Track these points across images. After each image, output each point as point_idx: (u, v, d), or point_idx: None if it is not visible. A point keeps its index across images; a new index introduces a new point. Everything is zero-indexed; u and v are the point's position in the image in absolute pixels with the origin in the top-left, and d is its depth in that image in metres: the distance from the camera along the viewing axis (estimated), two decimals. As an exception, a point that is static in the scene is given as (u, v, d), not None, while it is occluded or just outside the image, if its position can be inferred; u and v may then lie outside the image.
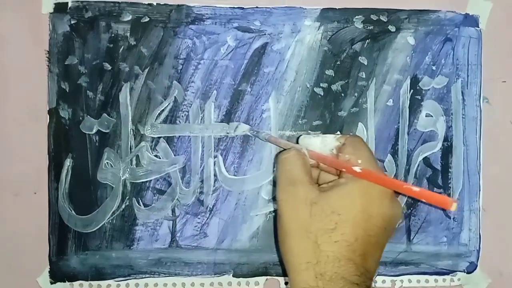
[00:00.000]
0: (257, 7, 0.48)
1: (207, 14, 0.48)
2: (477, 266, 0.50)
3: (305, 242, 0.34)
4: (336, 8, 0.48)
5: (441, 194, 0.32)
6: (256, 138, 0.48)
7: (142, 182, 0.47)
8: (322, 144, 0.40)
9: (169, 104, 0.48)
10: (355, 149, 0.37)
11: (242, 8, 0.48)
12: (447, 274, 0.50)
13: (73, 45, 0.47)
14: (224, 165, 0.48)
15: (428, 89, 0.50)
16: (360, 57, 0.49)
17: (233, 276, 0.48)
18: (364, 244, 0.34)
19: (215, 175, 0.48)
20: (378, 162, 0.38)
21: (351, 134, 0.39)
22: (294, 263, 0.34)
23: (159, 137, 0.47)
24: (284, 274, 0.49)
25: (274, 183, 0.48)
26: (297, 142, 0.43)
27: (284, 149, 0.42)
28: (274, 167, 0.48)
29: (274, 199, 0.48)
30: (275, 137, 0.46)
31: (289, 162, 0.38)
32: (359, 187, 0.35)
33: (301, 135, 0.44)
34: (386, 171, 0.49)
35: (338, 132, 0.48)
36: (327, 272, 0.33)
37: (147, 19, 0.47)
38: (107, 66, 0.47)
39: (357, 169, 0.36)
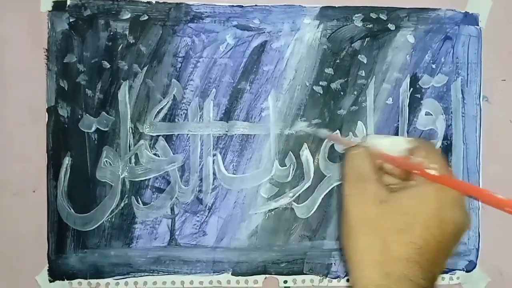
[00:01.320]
0: (256, 5, 0.48)
1: (206, 12, 0.47)
2: (476, 265, 0.50)
3: (372, 239, 0.33)
4: (335, 6, 0.48)
5: None
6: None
7: (141, 180, 0.47)
8: (391, 145, 0.39)
9: (168, 102, 0.47)
10: (428, 152, 0.36)
11: (241, 6, 0.48)
12: (446, 272, 0.50)
13: (72, 43, 0.47)
14: (223, 164, 0.48)
15: (428, 88, 0.50)
16: (359, 56, 0.49)
17: (232, 274, 0.48)
18: (433, 249, 0.33)
19: (214, 173, 0.48)
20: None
21: (422, 138, 0.39)
22: (359, 259, 0.34)
23: (158, 136, 0.47)
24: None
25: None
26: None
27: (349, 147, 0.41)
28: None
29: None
30: (335, 135, 0.45)
31: (358, 158, 0.37)
32: (433, 190, 0.34)
33: (369, 134, 0.43)
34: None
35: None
36: (394, 272, 0.32)
37: (146, 17, 0.47)
38: (106, 64, 0.47)
39: (432, 172, 0.34)
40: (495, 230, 0.50)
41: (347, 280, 0.49)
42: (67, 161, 0.47)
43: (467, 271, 0.50)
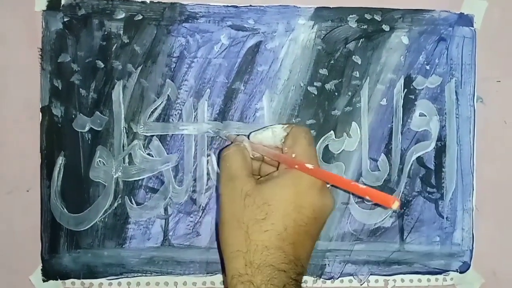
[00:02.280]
0: (251, 6, 0.48)
1: (200, 12, 0.47)
2: (470, 265, 0.50)
3: (237, 232, 0.36)
4: (330, 7, 0.48)
5: (384, 193, 0.32)
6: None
7: (135, 180, 0.47)
8: (273, 136, 0.41)
9: (162, 102, 0.47)
10: (294, 141, 0.38)
11: (236, 7, 0.48)
12: (440, 273, 0.50)
13: (66, 42, 0.47)
14: (217, 164, 0.48)
15: (422, 89, 0.50)
16: (354, 56, 0.49)
17: (225, 275, 0.48)
18: (294, 234, 0.35)
19: (208, 173, 0.48)
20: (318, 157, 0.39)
21: (297, 124, 0.40)
22: (227, 252, 0.36)
23: (152, 135, 0.47)
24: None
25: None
26: (248, 138, 0.42)
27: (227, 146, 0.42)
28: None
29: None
30: (231, 135, 0.46)
31: (229, 159, 0.39)
32: (289, 178, 0.36)
33: (252, 131, 0.43)
34: (380, 170, 0.49)
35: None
36: (255, 260, 0.34)
37: (140, 17, 0.47)
38: (100, 64, 0.47)
39: (296, 162, 0.36)
40: (488, 231, 0.50)
41: (341, 281, 0.49)
42: (60, 160, 0.47)
43: (461, 272, 0.50)
